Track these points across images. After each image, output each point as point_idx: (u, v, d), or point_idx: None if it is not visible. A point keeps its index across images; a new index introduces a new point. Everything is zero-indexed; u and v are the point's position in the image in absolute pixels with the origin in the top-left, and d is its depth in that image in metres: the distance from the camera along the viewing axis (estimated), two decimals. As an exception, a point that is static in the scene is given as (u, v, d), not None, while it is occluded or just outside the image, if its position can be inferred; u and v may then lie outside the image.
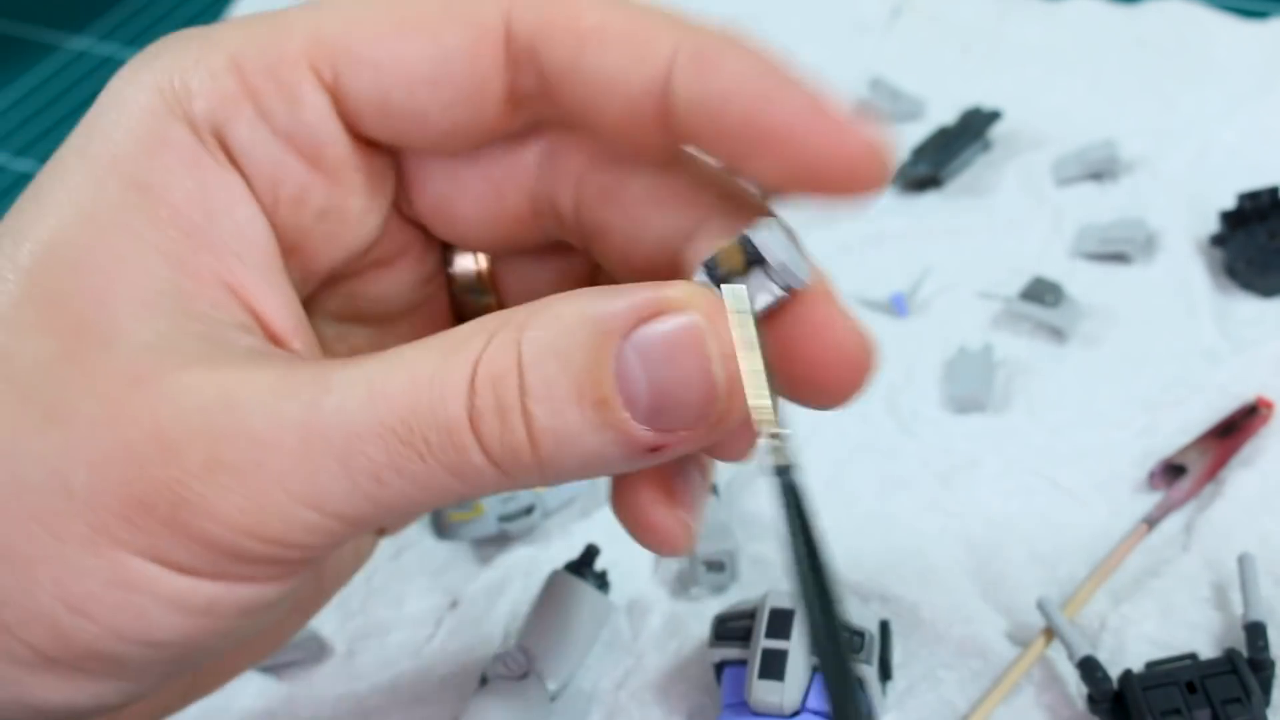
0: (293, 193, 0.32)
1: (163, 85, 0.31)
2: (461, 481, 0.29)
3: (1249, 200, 0.60)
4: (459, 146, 0.33)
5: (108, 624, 0.29)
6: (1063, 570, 0.50)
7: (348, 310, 0.37)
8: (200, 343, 0.30)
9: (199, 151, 0.31)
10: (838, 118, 0.30)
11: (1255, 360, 0.56)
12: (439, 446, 0.28)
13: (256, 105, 0.31)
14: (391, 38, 0.31)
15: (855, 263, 0.64)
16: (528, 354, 0.28)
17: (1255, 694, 0.42)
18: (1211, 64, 0.71)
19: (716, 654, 0.45)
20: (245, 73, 0.31)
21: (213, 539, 0.29)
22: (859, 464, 0.55)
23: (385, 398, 0.28)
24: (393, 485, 0.29)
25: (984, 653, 0.47)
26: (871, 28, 0.79)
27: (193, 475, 0.28)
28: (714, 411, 0.29)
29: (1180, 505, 0.51)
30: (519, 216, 0.35)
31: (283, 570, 0.30)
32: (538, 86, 0.32)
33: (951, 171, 0.68)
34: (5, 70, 0.86)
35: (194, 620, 0.30)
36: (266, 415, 0.28)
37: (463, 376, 0.28)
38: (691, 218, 0.33)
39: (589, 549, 0.50)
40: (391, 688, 0.49)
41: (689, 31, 0.30)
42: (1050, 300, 0.58)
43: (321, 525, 0.29)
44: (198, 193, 0.31)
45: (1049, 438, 0.55)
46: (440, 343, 0.29)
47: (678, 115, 0.30)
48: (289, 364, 0.30)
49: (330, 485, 0.28)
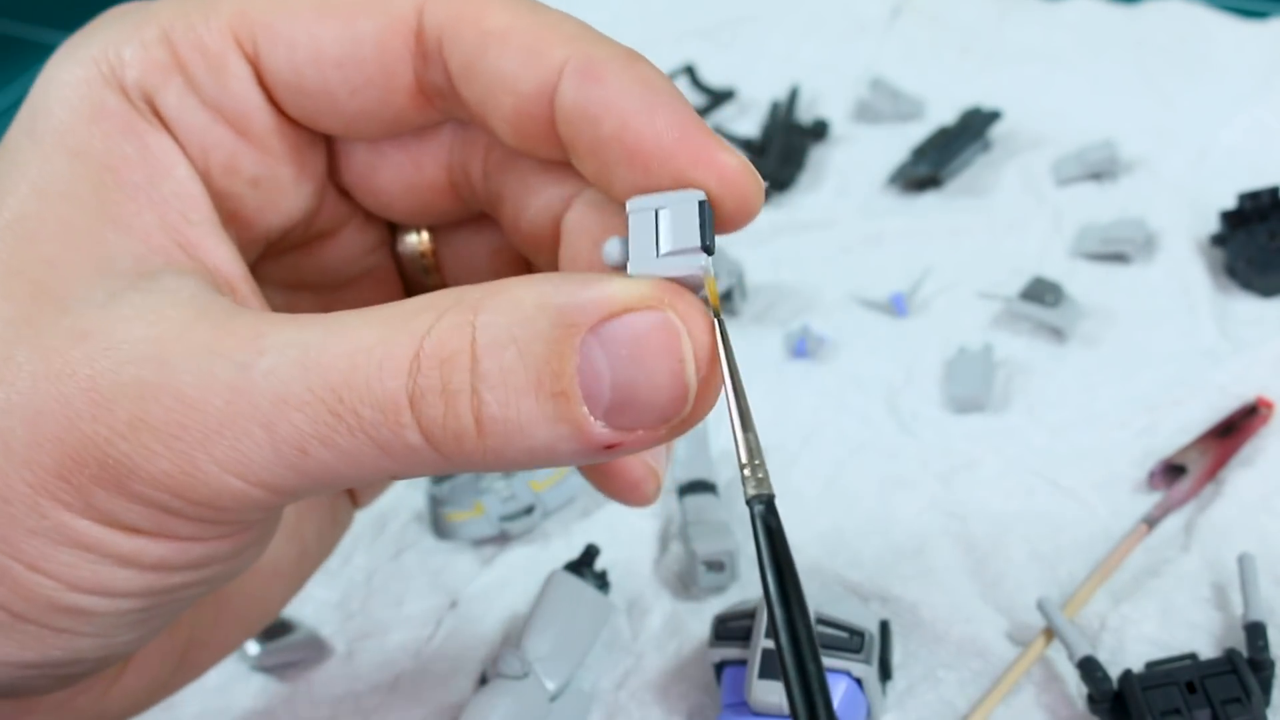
0: (223, 160, 0.33)
1: (97, 57, 0.32)
2: (392, 460, 0.28)
3: (1249, 200, 0.60)
4: (370, 132, 0.34)
5: (65, 579, 0.29)
6: (1063, 570, 0.49)
7: (293, 279, 0.38)
8: (146, 295, 0.30)
9: (134, 117, 0.32)
10: (709, 140, 0.30)
11: (1255, 360, 0.56)
12: (371, 422, 0.28)
13: (185, 75, 0.32)
14: (309, 18, 0.32)
15: (855, 263, 0.64)
16: (483, 339, 0.27)
17: (1255, 694, 0.42)
18: (1211, 64, 0.71)
19: (716, 654, 0.45)
20: (175, 44, 0.32)
21: (145, 498, 0.29)
22: (859, 464, 0.55)
23: (319, 366, 0.28)
24: (317, 456, 0.28)
25: (984, 653, 0.47)
26: (871, 28, 0.79)
27: (119, 434, 0.28)
28: (679, 414, 0.28)
29: (1180, 505, 0.51)
30: (437, 187, 0.36)
31: (224, 530, 0.30)
32: (446, 82, 0.32)
33: (951, 171, 0.68)
34: (5, 70, 0.86)
35: (148, 575, 0.30)
36: (196, 374, 0.28)
37: (405, 353, 0.28)
38: (572, 186, 0.33)
39: (589, 549, 0.50)
40: (391, 688, 0.49)
41: (586, 43, 0.31)
42: (1050, 300, 0.58)
43: (246, 493, 0.29)
44: (137, 156, 0.32)
45: (1049, 438, 0.55)
46: (385, 314, 0.28)
47: (559, 122, 0.31)
48: (229, 315, 0.29)
49: (253, 452, 0.28)
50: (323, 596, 0.53)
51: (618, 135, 0.30)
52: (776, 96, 0.74)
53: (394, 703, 0.49)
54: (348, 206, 0.37)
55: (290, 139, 0.34)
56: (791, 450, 0.56)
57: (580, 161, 0.32)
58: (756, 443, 0.28)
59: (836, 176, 0.70)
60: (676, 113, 0.30)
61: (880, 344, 0.60)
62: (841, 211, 0.67)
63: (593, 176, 0.32)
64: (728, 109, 0.75)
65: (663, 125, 0.30)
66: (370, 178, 0.36)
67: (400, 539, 0.55)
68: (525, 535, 0.54)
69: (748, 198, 0.30)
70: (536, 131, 0.32)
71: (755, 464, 0.28)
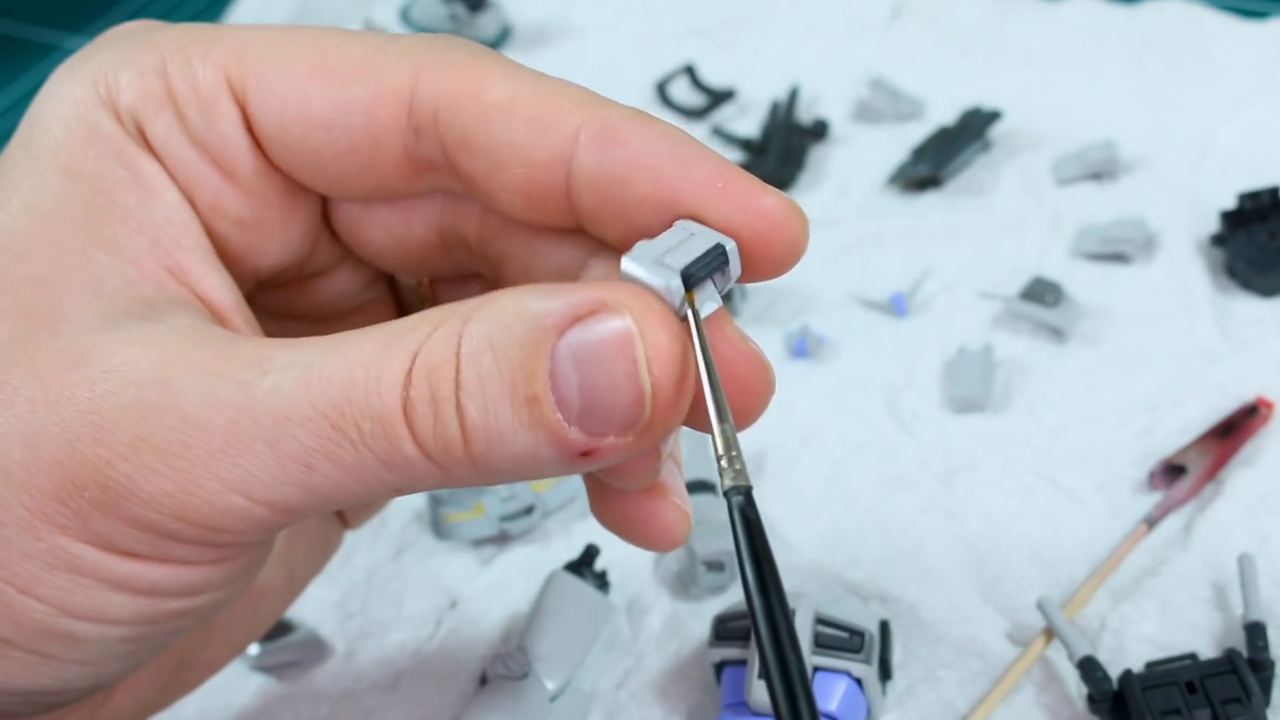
0: (208, 199, 0.33)
1: (96, 78, 0.32)
2: (394, 473, 0.28)
3: (1249, 200, 0.60)
4: (355, 194, 0.34)
5: (57, 604, 0.29)
6: (1063, 570, 0.49)
7: (288, 310, 0.37)
8: (142, 323, 0.30)
9: (126, 142, 0.32)
10: (752, 185, 0.30)
11: (1255, 360, 0.56)
12: (371, 435, 0.28)
13: (176, 109, 0.32)
14: (302, 74, 0.32)
15: (855, 263, 0.64)
16: (466, 347, 0.28)
17: (1255, 694, 0.42)
18: (1211, 64, 0.71)
19: (716, 654, 0.45)
20: (170, 77, 0.32)
21: (144, 521, 0.29)
22: (859, 464, 0.55)
23: (320, 382, 0.28)
24: (322, 472, 0.28)
25: (984, 653, 0.47)
26: (871, 28, 0.79)
27: (120, 455, 0.28)
28: (641, 418, 0.28)
29: (1180, 505, 0.51)
30: (428, 246, 0.35)
31: (221, 554, 0.30)
32: (439, 155, 0.32)
33: (951, 171, 0.68)
34: (5, 70, 0.86)
35: (141, 601, 0.30)
36: (198, 394, 0.28)
37: (401, 366, 0.28)
38: (585, 249, 0.33)
39: (589, 549, 0.50)
40: (391, 688, 0.49)
41: (597, 107, 0.30)
42: (1050, 300, 0.58)
43: (250, 511, 0.29)
44: (129, 180, 0.31)
45: (1049, 438, 0.55)
46: (383, 331, 0.29)
47: (580, 189, 0.30)
48: (228, 342, 0.30)
49: (258, 469, 0.28)
50: (323, 596, 0.53)
51: (654, 195, 0.30)
52: (776, 96, 0.74)
53: (394, 703, 0.49)
54: (342, 248, 0.36)
55: (278, 185, 0.33)
56: (791, 450, 0.56)
57: (602, 227, 0.31)
58: (733, 434, 0.28)
59: (836, 176, 0.70)
60: (712, 162, 0.30)
61: (880, 344, 0.60)
62: (841, 211, 0.67)
63: (616, 241, 0.31)
64: (728, 109, 0.75)
65: (701, 177, 0.29)
66: (359, 231, 0.35)
67: (400, 539, 0.55)
68: (525, 535, 0.54)
69: (794, 239, 0.30)
70: (550, 202, 0.31)
71: (732, 455, 0.28)
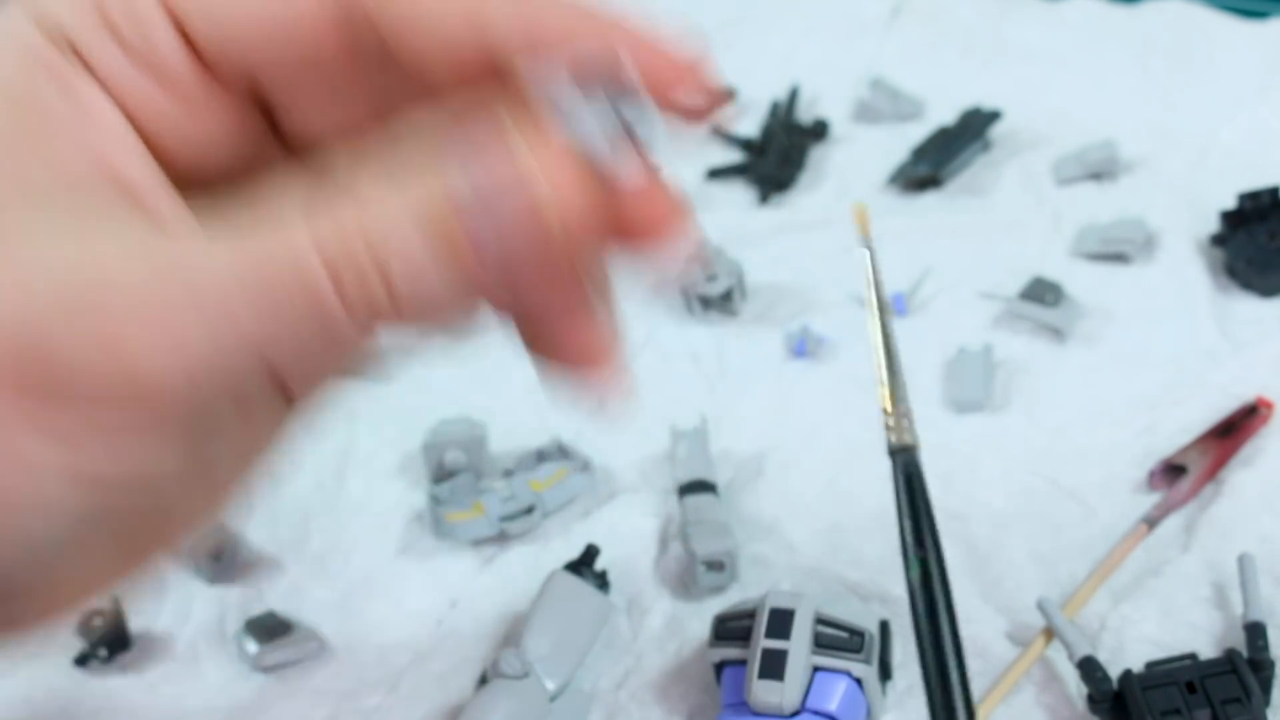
0: (140, 104, 0.34)
1: (26, 4, 0.33)
2: (322, 329, 0.30)
3: (1249, 200, 0.60)
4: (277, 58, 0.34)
5: (5, 501, 0.30)
6: (1063, 570, 0.49)
7: None
8: (78, 215, 0.31)
9: (59, 60, 0.33)
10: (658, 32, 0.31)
11: (1255, 360, 0.56)
12: (300, 298, 0.29)
13: (103, 15, 0.33)
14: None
15: (855, 263, 0.64)
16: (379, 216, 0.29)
17: (1255, 694, 0.42)
18: (1211, 64, 0.71)
19: (716, 654, 0.45)
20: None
21: (81, 392, 0.29)
22: (859, 464, 0.55)
23: (246, 251, 0.29)
24: (246, 328, 0.30)
25: (984, 653, 0.47)
26: (871, 28, 0.79)
27: (43, 324, 0.29)
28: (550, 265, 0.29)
29: (1180, 505, 0.51)
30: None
31: (163, 429, 0.31)
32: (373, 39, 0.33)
33: (951, 171, 0.68)
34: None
35: (89, 493, 0.31)
36: (123, 260, 0.30)
37: (328, 233, 0.29)
38: None
39: (589, 549, 0.50)
40: (391, 687, 0.49)
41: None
42: (1050, 300, 0.58)
43: (185, 373, 0.30)
44: (61, 96, 0.33)
45: (1049, 438, 0.55)
46: (301, 202, 0.30)
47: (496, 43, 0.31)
48: (162, 226, 0.31)
49: (189, 331, 0.29)
50: (323, 596, 0.53)
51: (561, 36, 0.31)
52: (776, 96, 0.74)
53: (394, 702, 0.49)
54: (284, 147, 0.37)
55: (218, 94, 0.34)
56: (791, 450, 0.56)
57: None
58: (903, 392, 0.28)
59: (836, 176, 0.70)
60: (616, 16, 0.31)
61: (880, 344, 0.60)
62: (841, 211, 0.67)
63: None
64: (727, 109, 0.75)
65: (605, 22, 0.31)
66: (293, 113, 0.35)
67: (400, 539, 0.55)
68: (525, 535, 0.54)
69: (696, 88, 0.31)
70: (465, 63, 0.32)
71: (900, 413, 0.28)
